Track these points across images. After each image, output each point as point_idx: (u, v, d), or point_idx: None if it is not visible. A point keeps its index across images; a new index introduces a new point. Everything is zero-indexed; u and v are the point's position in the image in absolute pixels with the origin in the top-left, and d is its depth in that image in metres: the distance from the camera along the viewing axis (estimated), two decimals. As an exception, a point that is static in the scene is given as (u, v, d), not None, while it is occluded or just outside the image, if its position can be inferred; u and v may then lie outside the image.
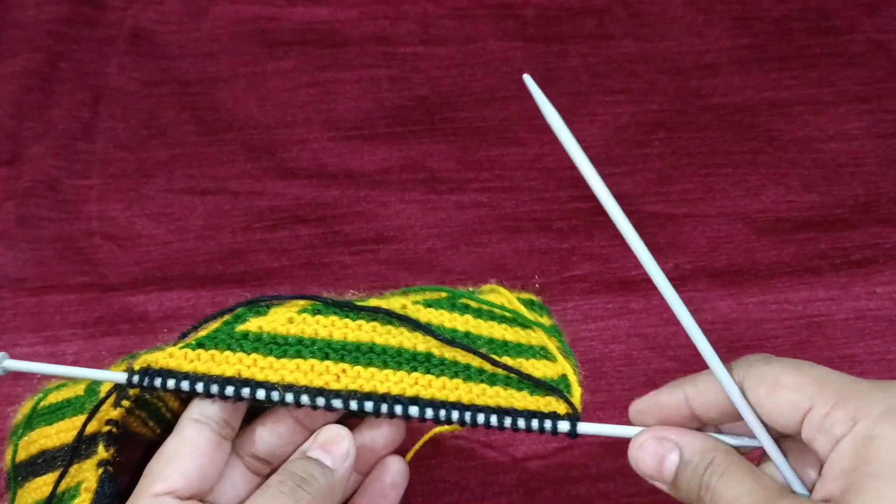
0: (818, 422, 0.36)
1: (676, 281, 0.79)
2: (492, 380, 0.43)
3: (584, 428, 0.43)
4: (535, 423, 0.43)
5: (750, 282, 0.77)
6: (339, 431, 0.44)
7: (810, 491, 0.39)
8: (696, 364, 0.41)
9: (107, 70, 0.93)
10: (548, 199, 0.84)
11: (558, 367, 0.45)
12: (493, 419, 0.42)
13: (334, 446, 0.43)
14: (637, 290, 0.77)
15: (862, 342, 0.74)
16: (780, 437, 0.41)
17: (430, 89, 0.92)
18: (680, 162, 0.87)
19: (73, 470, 0.47)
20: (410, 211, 0.83)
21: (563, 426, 0.43)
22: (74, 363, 0.76)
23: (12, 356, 0.78)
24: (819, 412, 0.36)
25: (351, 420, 0.48)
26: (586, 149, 0.37)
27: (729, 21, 0.98)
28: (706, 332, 0.40)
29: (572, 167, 0.39)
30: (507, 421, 0.43)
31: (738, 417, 0.40)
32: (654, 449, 0.40)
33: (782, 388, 0.37)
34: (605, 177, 0.39)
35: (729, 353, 0.41)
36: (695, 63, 0.95)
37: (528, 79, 0.36)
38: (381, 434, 0.47)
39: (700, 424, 0.42)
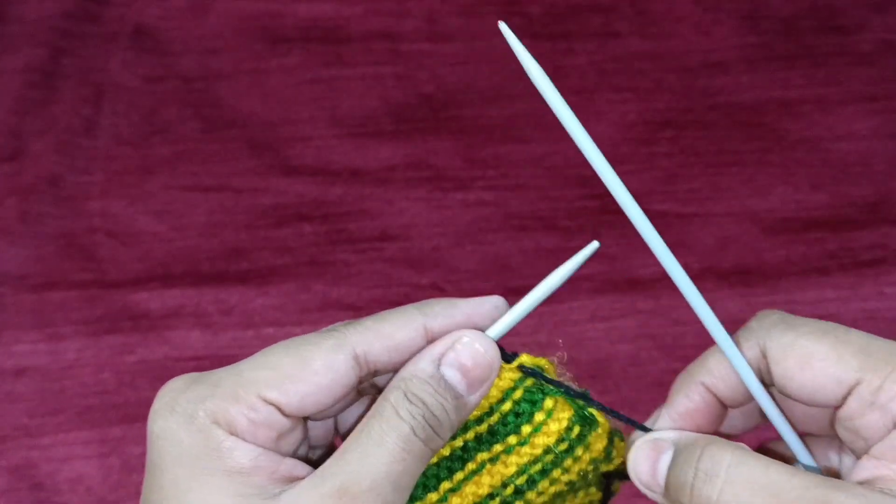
0: (870, 397, 0.32)
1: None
2: None
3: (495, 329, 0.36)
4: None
5: (758, 281, 0.77)
6: (486, 348, 0.34)
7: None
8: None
9: (109, 66, 0.93)
10: (554, 197, 0.83)
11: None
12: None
13: (477, 372, 0.34)
14: (644, 289, 0.76)
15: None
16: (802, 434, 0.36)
17: (436, 86, 0.92)
18: (688, 161, 0.86)
19: None
20: (415, 209, 0.83)
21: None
22: (76, 361, 0.76)
23: (13, 354, 0.78)
24: (870, 386, 0.32)
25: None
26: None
27: (737, 20, 0.98)
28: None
29: (579, 165, 0.38)
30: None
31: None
32: (648, 453, 0.35)
33: (819, 361, 0.33)
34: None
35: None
36: (702, 61, 0.94)
37: (504, 27, 0.30)
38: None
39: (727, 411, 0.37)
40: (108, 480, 0.72)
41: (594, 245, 0.37)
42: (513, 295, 0.85)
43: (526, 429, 0.36)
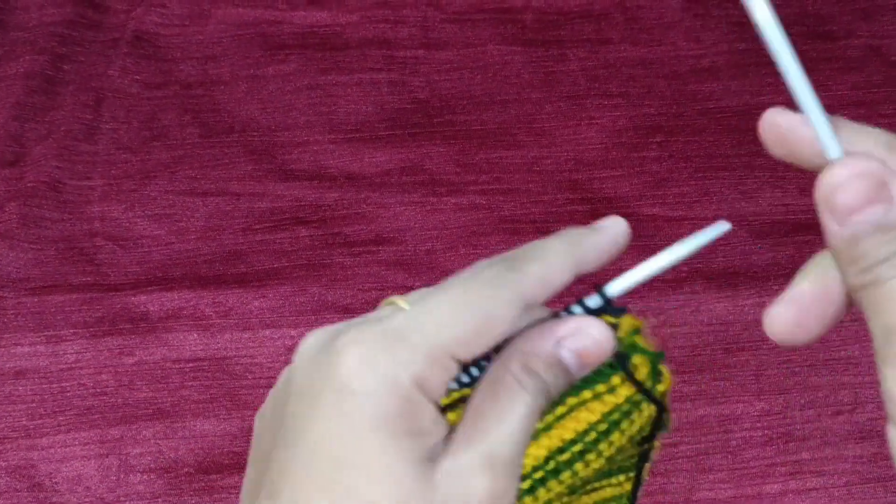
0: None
1: (673, 283, 0.80)
2: None
3: (617, 286, 0.36)
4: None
5: (746, 284, 0.78)
6: (607, 340, 0.35)
7: None
8: (694, 366, 0.41)
9: (109, 72, 0.93)
10: (546, 201, 0.84)
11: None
12: None
13: (592, 359, 0.35)
14: (635, 291, 0.77)
15: (857, 344, 0.74)
16: None
17: (430, 93, 0.93)
18: (677, 165, 0.87)
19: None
20: (410, 213, 0.84)
21: (593, 300, 0.36)
22: (76, 363, 0.77)
23: (13, 356, 0.79)
24: None
25: None
26: (583, 152, 0.37)
27: (726, 25, 0.99)
28: (702, 334, 0.39)
29: (570, 170, 0.38)
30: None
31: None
32: (864, 190, 0.29)
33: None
34: (603, 180, 0.39)
35: (725, 355, 0.41)
36: (692, 67, 0.95)
37: None
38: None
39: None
40: (107, 481, 0.73)
41: (725, 226, 0.36)
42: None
43: (587, 394, 0.36)
